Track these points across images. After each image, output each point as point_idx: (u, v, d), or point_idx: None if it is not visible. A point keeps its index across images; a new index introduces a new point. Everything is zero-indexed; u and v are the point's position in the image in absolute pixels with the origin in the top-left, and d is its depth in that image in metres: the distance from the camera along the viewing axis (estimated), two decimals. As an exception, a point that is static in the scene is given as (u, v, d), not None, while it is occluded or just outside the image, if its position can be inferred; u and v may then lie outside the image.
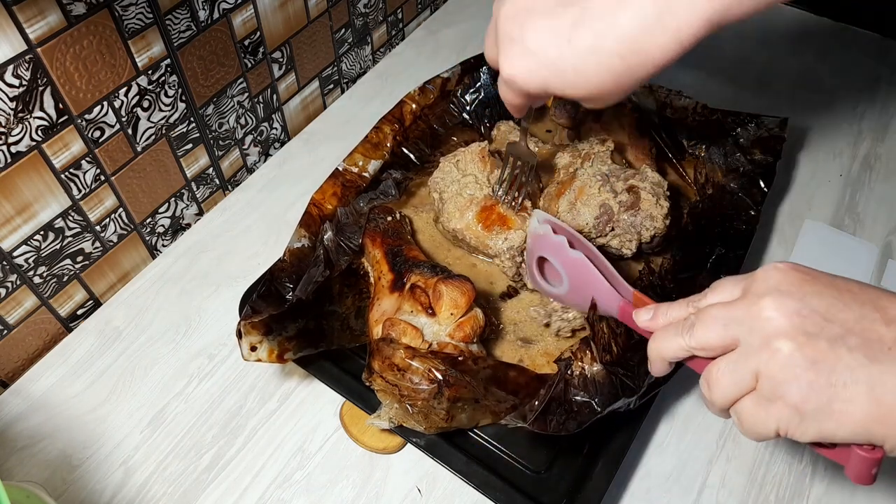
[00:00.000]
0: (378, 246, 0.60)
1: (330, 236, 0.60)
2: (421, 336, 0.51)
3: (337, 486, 0.57)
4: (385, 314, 0.54)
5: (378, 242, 0.60)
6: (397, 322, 0.52)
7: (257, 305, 0.54)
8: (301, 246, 0.61)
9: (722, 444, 0.59)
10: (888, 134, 0.84)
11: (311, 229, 0.62)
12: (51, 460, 0.57)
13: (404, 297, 0.54)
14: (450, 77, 0.74)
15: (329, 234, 0.60)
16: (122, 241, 0.68)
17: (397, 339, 0.51)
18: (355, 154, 0.68)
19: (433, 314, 0.52)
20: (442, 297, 0.52)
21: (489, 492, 0.50)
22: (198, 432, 0.59)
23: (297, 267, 0.59)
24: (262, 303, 0.55)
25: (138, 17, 0.59)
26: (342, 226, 0.62)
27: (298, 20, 0.77)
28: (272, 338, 0.54)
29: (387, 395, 0.51)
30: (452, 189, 0.64)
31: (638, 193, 0.62)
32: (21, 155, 0.55)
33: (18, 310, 0.62)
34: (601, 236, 0.63)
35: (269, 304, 0.55)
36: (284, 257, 0.59)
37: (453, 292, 0.52)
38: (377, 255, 0.59)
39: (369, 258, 0.61)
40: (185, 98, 0.67)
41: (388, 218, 0.63)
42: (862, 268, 0.71)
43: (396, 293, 0.56)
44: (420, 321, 0.53)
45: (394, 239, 0.60)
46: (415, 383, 0.49)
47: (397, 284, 0.56)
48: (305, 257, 0.60)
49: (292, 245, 0.60)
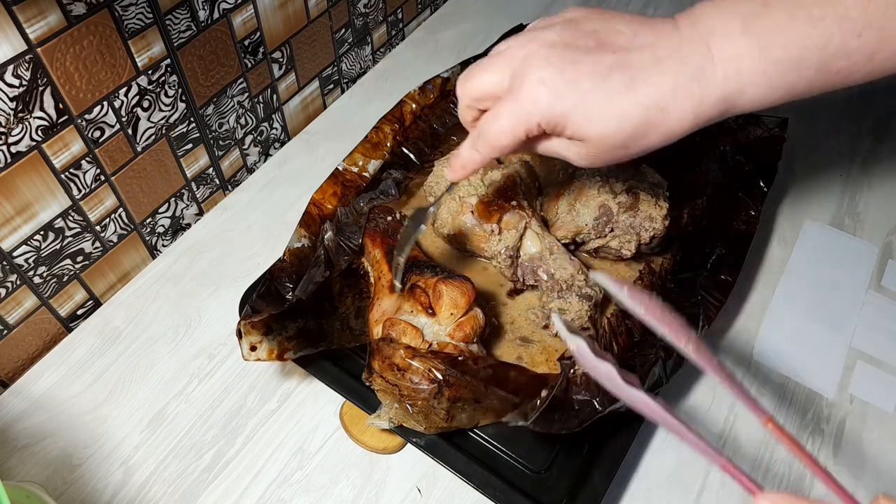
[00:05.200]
0: (378, 246, 0.60)
1: (330, 236, 0.60)
2: (421, 336, 0.51)
3: (337, 486, 0.57)
4: (385, 314, 0.54)
5: (378, 242, 0.60)
6: (397, 322, 0.52)
7: (257, 305, 0.54)
8: (301, 246, 0.61)
9: (722, 444, 0.59)
10: (888, 134, 0.84)
11: (311, 229, 0.62)
12: (51, 460, 0.57)
13: (404, 297, 0.54)
14: (449, 77, 0.74)
15: (329, 234, 0.60)
16: (122, 241, 0.68)
17: (397, 338, 0.51)
18: (355, 154, 0.68)
19: (433, 314, 0.52)
20: (442, 297, 0.52)
21: (489, 492, 0.50)
22: (198, 432, 0.60)
23: (297, 267, 0.59)
24: (262, 302, 0.55)
25: (138, 17, 0.59)
26: (342, 226, 0.62)
27: (298, 20, 0.77)
28: (272, 338, 0.54)
29: (387, 395, 0.51)
30: (446, 193, 0.64)
31: (637, 194, 0.62)
32: (21, 155, 0.55)
33: (18, 310, 0.62)
34: (600, 237, 0.63)
35: (268, 303, 0.55)
36: (284, 257, 0.59)
37: (453, 292, 0.52)
38: (377, 254, 0.59)
39: (369, 258, 0.61)
40: (185, 98, 0.67)
41: (388, 218, 0.63)
42: (862, 268, 0.71)
43: (396, 293, 0.56)
44: (420, 321, 0.53)
45: (394, 239, 0.60)
46: (415, 383, 0.49)
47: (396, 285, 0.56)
48: (305, 257, 0.60)
49: (292, 245, 0.60)
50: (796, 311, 0.68)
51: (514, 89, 0.42)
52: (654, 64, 0.39)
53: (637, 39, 0.40)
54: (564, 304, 0.58)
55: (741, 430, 0.60)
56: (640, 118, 0.39)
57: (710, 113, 0.40)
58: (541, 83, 0.40)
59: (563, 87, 0.40)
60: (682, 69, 0.39)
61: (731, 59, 0.38)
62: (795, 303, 0.69)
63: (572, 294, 0.58)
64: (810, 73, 0.38)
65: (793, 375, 0.64)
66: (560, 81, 0.40)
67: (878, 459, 0.59)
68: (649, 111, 0.39)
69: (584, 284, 0.58)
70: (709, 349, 0.41)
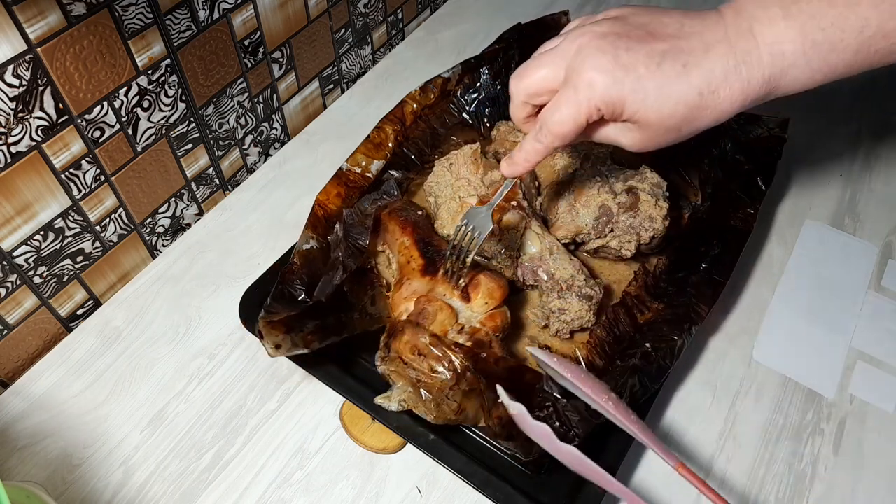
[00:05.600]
0: (408, 233, 0.61)
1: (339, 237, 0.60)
2: (455, 316, 0.53)
3: (337, 486, 0.57)
4: (416, 293, 0.55)
5: (409, 230, 0.61)
6: (434, 299, 0.53)
7: (272, 307, 0.54)
8: (310, 248, 0.61)
9: (722, 444, 0.59)
10: (888, 134, 0.84)
11: (317, 230, 0.62)
12: (51, 460, 0.57)
13: (438, 280, 0.56)
14: (450, 77, 0.74)
15: (341, 235, 0.60)
16: (122, 241, 0.68)
17: (432, 314, 0.52)
18: (358, 154, 0.68)
19: (468, 300, 0.54)
20: (480, 286, 0.54)
21: (489, 492, 0.50)
22: (198, 432, 0.60)
23: (307, 269, 0.59)
24: (278, 304, 0.55)
25: (138, 17, 0.59)
26: (348, 227, 0.62)
27: (298, 20, 0.77)
28: (294, 334, 0.54)
29: (401, 377, 0.51)
30: (446, 193, 0.64)
31: (637, 194, 0.62)
32: (21, 155, 0.55)
33: (18, 310, 0.62)
34: (600, 237, 0.63)
35: (283, 305, 0.55)
36: (294, 259, 0.59)
37: (491, 283, 0.54)
38: (406, 241, 0.60)
39: (394, 244, 0.61)
40: (185, 98, 0.67)
41: (419, 212, 0.64)
42: (862, 268, 0.71)
43: (428, 276, 0.57)
44: (454, 303, 0.54)
45: (423, 231, 0.61)
46: (435, 370, 0.50)
47: (429, 269, 0.57)
48: (315, 259, 0.60)
49: (301, 247, 0.60)
50: (796, 311, 0.68)
51: (572, 79, 0.43)
52: (704, 50, 0.42)
53: (685, 29, 0.43)
54: (564, 303, 0.58)
55: (741, 430, 0.60)
56: (695, 101, 0.42)
57: (756, 94, 0.42)
58: (598, 70, 0.42)
59: (619, 73, 0.42)
60: (731, 53, 0.41)
61: (774, 42, 0.41)
62: (795, 303, 0.69)
63: (572, 294, 0.58)
64: (849, 54, 0.40)
65: (793, 375, 0.64)
66: (616, 68, 0.42)
67: (878, 459, 0.59)
68: (702, 94, 0.42)
69: (584, 284, 0.58)
70: (624, 405, 0.47)
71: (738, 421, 0.61)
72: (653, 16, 0.44)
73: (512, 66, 0.76)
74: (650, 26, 0.43)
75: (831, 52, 0.40)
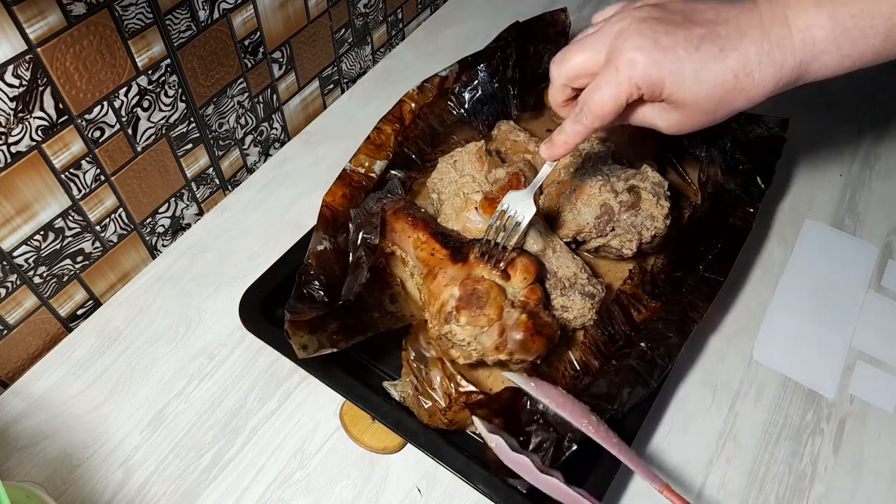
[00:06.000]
0: (421, 229, 0.61)
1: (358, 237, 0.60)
2: (504, 293, 0.55)
3: (337, 486, 0.57)
4: (455, 279, 0.56)
5: (420, 226, 0.61)
6: (480, 279, 0.55)
7: (296, 308, 0.54)
8: (323, 248, 0.61)
9: (722, 444, 0.59)
10: (888, 134, 0.84)
11: (328, 231, 0.62)
12: (51, 460, 0.57)
13: (471, 264, 0.57)
14: (447, 75, 0.74)
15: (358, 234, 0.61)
16: (122, 241, 0.68)
17: (485, 292, 0.54)
18: (360, 155, 0.68)
19: (507, 278, 0.56)
20: (517, 265, 0.56)
21: (489, 492, 0.50)
22: (198, 432, 0.60)
23: (321, 269, 0.59)
24: (300, 305, 0.55)
25: (138, 17, 0.59)
26: (358, 226, 0.62)
27: (298, 20, 0.77)
28: (320, 334, 0.54)
29: (409, 376, 0.53)
30: (450, 190, 0.64)
31: (638, 193, 0.62)
32: (21, 155, 0.55)
33: (18, 310, 0.62)
34: (601, 236, 0.63)
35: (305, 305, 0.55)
36: (309, 261, 0.59)
37: (525, 261, 0.56)
38: (421, 236, 0.60)
39: (406, 242, 0.61)
40: (185, 98, 0.67)
41: (422, 209, 0.64)
42: (862, 268, 0.71)
43: (460, 263, 0.57)
44: (498, 282, 0.56)
45: (433, 224, 0.62)
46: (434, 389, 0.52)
47: (457, 256, 0.58)
48: (329, 259, 0.60)
49: (314, 248, 0.60)
50: (796, 311, 0.68)
51: (613, 59, 0.45)
52: (740, 35, 0.43)
53: (721, 15, 0.44)
54: (567, 301, 0.58)
55: (741, 430, 0.60)
56: (731, 83, 0.43)
57: (787, 78, 0.44)
58: (639, 50, 0.44)
59: (659, 55, 0.43)
60: (765, 38, 0.43)
61: (806, 28, 0.43)
62: (795, 302, 0.69)
63: (575, 292, 0.58)
64: (878, 40, 0.43)
65: (793, 375, 0.64)
66: (656, 49, 0.43)
67: (878, 459, 0.59)
68: (738, 77, 0.43)
69: (587, 283, 0.58)
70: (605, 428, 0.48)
71: (738, 421, 0.61)
72: (689, 3, 0.46)
73: (509, 63, 0.76)
74: (688, 12, 0.45)
75: (861, 37, 0.42)
